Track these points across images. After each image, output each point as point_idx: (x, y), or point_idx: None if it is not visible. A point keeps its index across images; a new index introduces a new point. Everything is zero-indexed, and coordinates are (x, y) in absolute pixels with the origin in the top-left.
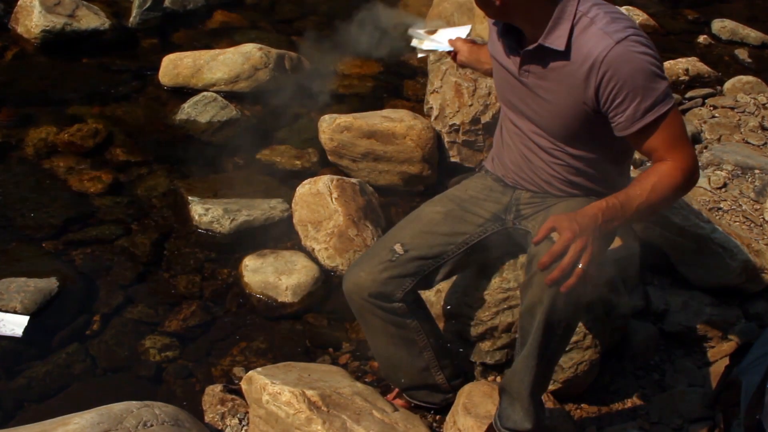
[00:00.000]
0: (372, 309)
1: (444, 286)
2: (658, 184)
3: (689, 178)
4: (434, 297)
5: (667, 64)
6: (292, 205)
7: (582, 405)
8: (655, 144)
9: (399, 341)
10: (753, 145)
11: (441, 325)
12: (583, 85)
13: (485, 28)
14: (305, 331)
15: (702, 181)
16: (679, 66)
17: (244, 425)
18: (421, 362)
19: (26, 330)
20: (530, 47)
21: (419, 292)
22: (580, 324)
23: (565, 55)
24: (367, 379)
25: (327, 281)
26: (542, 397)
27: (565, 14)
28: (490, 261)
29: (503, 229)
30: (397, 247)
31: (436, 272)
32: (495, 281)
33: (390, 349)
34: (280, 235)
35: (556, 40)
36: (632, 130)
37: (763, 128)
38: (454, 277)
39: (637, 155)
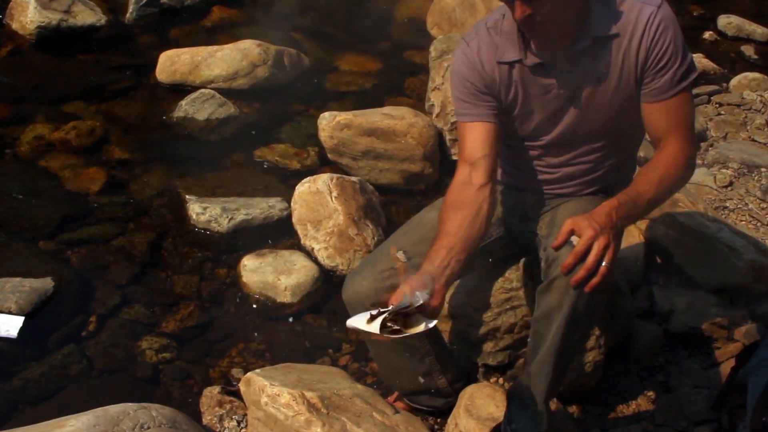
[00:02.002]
0: None
1: None
2: (664, 175)
3: (691, 167)
4: None
5: None
6: (292, 204)
7: (586, 407)
8: (674, 120)
9: (401, 348)
10: (759, 143)
11: (443, 326)
12: (635, 53)
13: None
14: (304, 331)
15: (707, 180)
16: None
17: (242, 427)
18: (423, 367)
19: (21, 331)
20: (583, 44)
21: None
22: None
23: (614, 36)
24: (367, 381)
25: (327, 281)
26: None
27: (600, 2)
28: (492, 263)
29: (507, 232)
30: (400, 255)
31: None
32: (497, 282)
33: (392, 356)
34: (279, 235)
35: (607, 27)
36: (669, 94)
37: None
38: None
39: (641, 153)
